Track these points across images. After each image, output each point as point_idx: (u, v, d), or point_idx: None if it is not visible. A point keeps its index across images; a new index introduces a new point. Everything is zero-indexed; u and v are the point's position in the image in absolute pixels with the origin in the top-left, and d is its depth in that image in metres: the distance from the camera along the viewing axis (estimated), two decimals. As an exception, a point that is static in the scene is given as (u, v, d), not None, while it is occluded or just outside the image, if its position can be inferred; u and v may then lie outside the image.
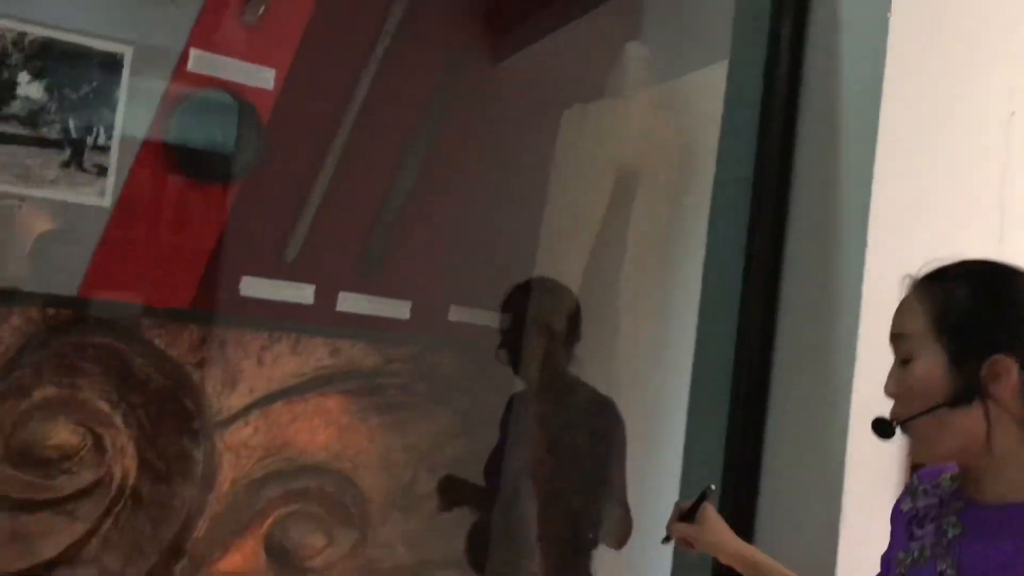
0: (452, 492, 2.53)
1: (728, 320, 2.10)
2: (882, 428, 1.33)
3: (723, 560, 1.74)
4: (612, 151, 2.74)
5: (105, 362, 2.37)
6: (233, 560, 2.54)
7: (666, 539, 1.78)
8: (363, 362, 2.67)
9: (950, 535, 1.32)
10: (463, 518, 2.65)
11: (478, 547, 2.52)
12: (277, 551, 2.58)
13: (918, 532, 1.37)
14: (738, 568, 1.73)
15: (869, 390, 1.63)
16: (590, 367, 2.48)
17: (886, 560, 1.48)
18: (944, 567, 1.30)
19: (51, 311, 2.32)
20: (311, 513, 2.62)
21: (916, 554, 1.35)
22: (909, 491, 1.45)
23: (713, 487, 1.74)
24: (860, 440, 1.85)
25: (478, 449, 2.67)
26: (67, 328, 2.34)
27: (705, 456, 2.21)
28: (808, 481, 1.95)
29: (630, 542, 2.40)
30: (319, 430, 2.64)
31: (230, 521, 2.53)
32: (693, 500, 1.74)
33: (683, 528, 1.74)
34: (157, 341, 2.43)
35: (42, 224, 2.32)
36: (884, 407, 1.34)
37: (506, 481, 2.46)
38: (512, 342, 2.51)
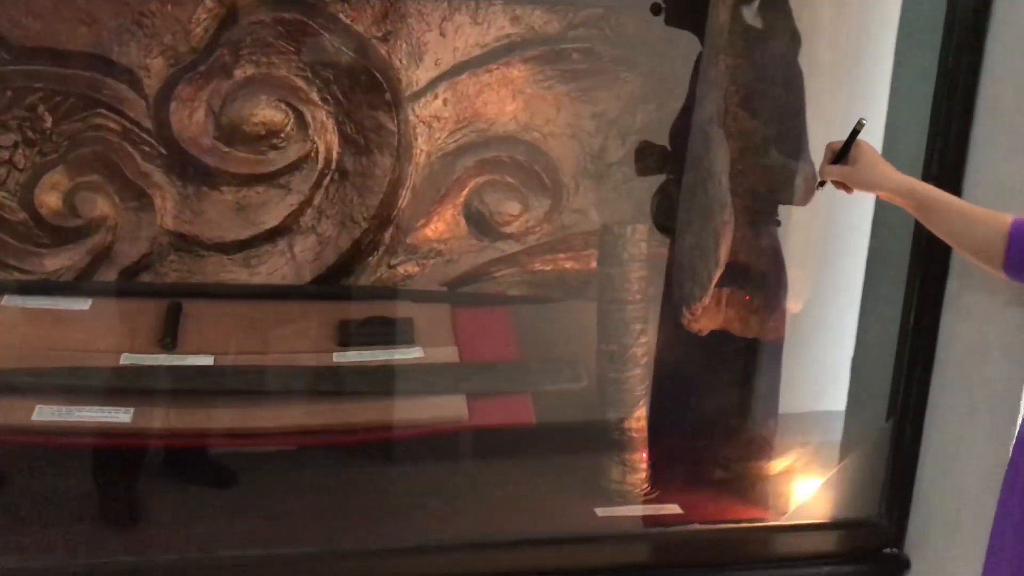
0: (649, 158, 2.50)
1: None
2: None
3: (882, 197, 1.66)
4: None
5: (296, 39, 2.44)
6: (436, 228, 2.68)
7: (820, 184, 1.71)
8: (545, 28, 2.61)
9: None
10: (654, 182, 2.65)
11: (665, 207, 2.52)
12: (476, 219, 2.69)
13: None
14: (899, 203, 1.65)
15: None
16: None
17: None
18: None
19: (239, -10, 2.38)
20: (505, 182, 2.70)
21: None
22: None
23: (864, 120, 1.62)
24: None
25: (668, 113, 2.61)
26: (257, 6, 2.41)
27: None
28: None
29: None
30: (507, 101, 2.65)
31: (430, 191, 2.65)
32: (845, 139, 1.64)
33: (836, 170, 1.66)
34: (342, 16, 2.47)
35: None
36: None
37: (696, 134, 2.41)
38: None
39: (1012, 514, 1.52)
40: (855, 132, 1.62)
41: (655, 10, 2.36)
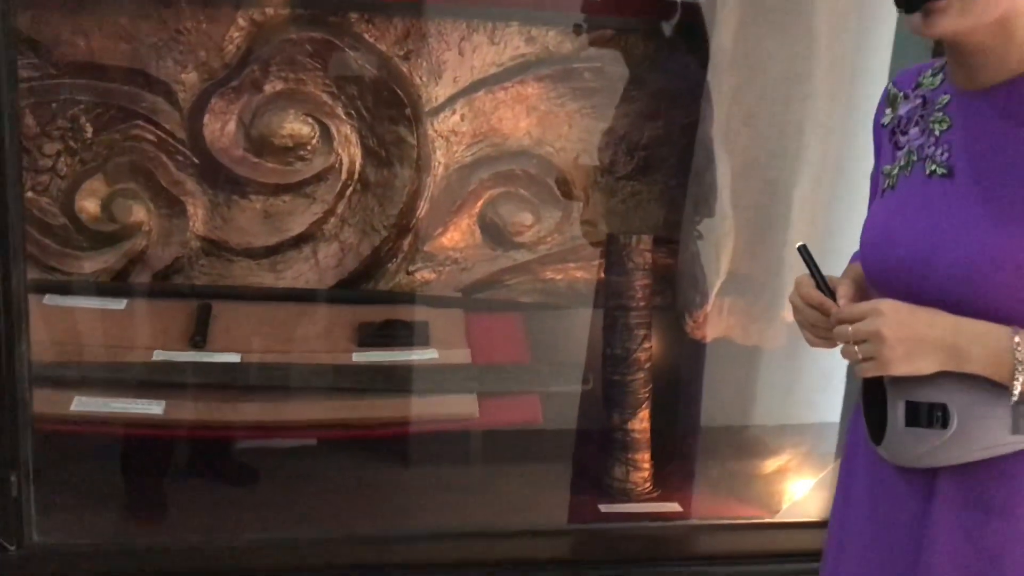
0: None
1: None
2: None
3: None
4: None
5: (323, 56, 2.58)
6: (452, 237, 2.81)
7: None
8: (558, 48, 2.74)
9: (938, 132, 1.25)
10: (660, 195, 2.77)
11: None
12: (490, 229, 2.82)
13: (903, 139, 1.30)
14: None
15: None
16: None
17: (874, 178, 1.41)
18: (934, 167, 1.24)
19: (270, 11, 2.53)
20: (519, 194, 2.82)
21: (903, 162, 1.29)
22: (887, 101, 1.36)
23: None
24: None
25: (674, 129, 2.74)
26: (287, 26, 2.56)
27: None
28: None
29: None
30: (521, 117, 2.77)
31: (447, 202, 2.77)
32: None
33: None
34: (366, 36, 2.61)
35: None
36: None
37: (699, 150, 2.53)
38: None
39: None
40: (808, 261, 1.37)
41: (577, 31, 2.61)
